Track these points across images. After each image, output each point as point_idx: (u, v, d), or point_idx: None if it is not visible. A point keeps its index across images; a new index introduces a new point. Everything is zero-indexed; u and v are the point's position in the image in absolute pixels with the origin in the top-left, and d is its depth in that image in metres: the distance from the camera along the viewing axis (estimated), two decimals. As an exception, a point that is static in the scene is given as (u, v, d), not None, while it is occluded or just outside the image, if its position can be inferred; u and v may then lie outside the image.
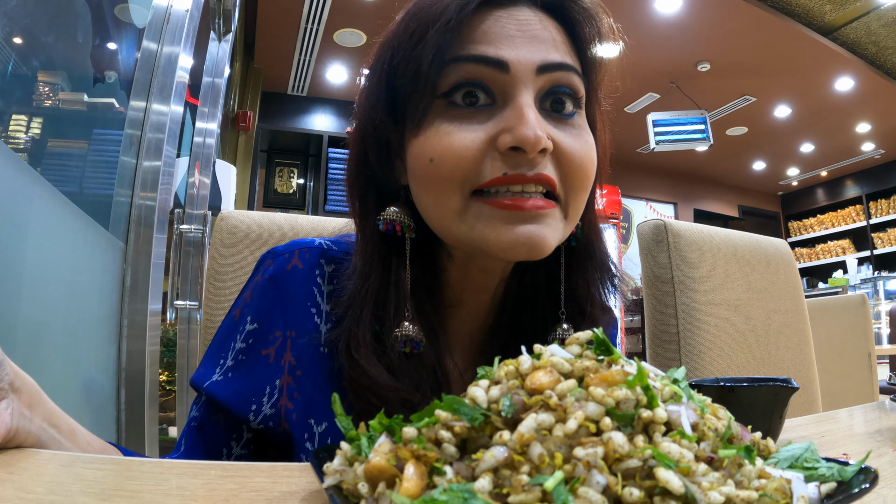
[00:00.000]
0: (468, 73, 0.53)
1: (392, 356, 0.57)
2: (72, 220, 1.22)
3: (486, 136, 0.53)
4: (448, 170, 0.53)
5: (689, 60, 5.49)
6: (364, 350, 0.56)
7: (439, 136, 0.53)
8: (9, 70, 1.21)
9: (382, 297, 0.58)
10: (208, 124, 2.12)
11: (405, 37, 0.56)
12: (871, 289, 7.06)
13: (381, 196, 0.61)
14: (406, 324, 0.57)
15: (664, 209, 8.27)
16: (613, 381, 0.30)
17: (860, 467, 0.31)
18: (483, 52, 0.53)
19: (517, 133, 0.51)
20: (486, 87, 0.54)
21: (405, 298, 0.58)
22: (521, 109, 0.52)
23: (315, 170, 6.53)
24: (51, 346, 1.10)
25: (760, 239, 1.36)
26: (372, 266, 0.59)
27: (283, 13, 4.65)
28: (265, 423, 0.59)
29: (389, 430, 0.32)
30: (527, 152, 0.51)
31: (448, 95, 0.54)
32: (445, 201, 0.54)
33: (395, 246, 0.59)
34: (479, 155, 0.53)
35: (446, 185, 0.53)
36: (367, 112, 0.59)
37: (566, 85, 0.55)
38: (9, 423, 0.44)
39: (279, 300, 0.61)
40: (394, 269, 0.59)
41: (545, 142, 0.52)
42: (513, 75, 0.53)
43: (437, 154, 0.53)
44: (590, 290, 0.64)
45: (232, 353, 0.61)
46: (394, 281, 0.58)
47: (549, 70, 0.54)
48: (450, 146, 0.53)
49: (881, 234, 7.99)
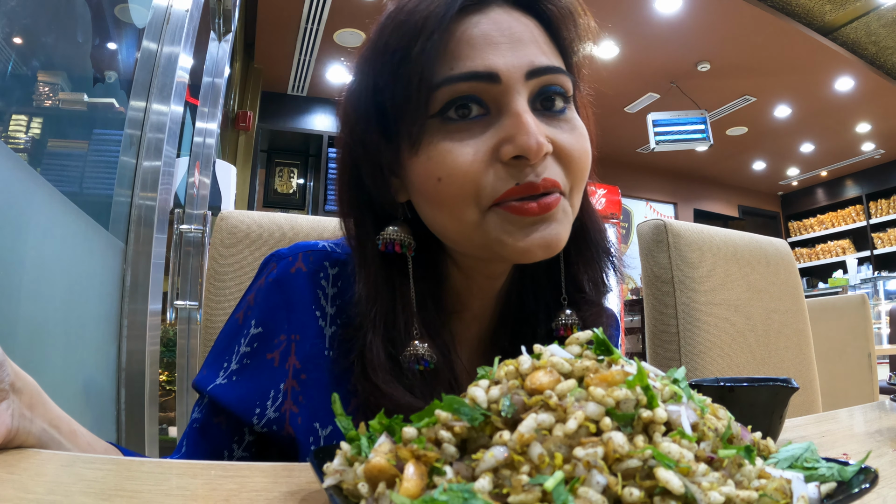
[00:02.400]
0: (460, 91, 0.53)
1: (410, 376, 0.56)
2: (72, 220, 1.22)
3: (487, 148, 0.53)
4: (458, 187, 0.53)
5: (689, 60, 5.49)
6: (382, 374, 0.55)
7: (442, 155, 0.53)
8: (9, 70, 1.21)
9: (391, 318, 0.58)
10: (208, 124, 2.12)
11: (387, 54, 0.55)
12: (871, 289, 7.05)
13: (377, 216, 0.60)
14: (416, 343, 0.57)
15: (664, 209, 8.26)
16: (613, 381, 0.30)
17: (860, 467, 0.31)
18: (472, 69, 0.53)
19: (519, 143, 0.51)
20: (478, 99, 0.54)
21: (413, 316, 0.58)
22: (519, 117, 0.52)
23: (315, 170, 6.53)
24: (51, 346, 1.10)
25: (760, 239, 1.36)
26: (377, 289, 0.58)
27: (283, 13, 4.65)
28: (268, 427, 0.58)
29: (389, 430, 0.32)
30: (530, 160, 0.52)
31: (441, 113, 0.54)
32: (461, 216, 0.54)
33: (396, 265, 0.59)
34: (483, 167, 0.53)
35: (459, 202, 0.54)
36: (355, 132, 0.58)
37: (556, 85, 0.56)
38: (9, 424, 0.44)
39: (283, 304, 0.61)
40: (398, 289, 0.58)
41: (546, 146, 0.52)
42: (504, 84, 0.53)
43: (445, 174, 0.53)
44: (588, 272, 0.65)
45: (236, 356, 0.61)
46: (400, 301, 0.58)
47: (537, 74, 0.54)
48: (454, 164, 0.53)
49: (881, 234, 7.98)
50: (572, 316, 0.63)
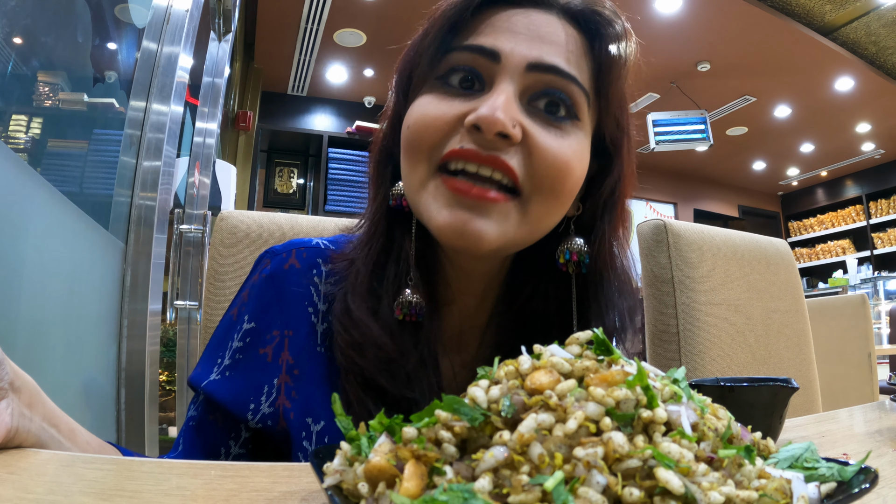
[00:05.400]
0: (461, 60, 0.55)
1: (386, 318, 0.57)
2: (72, 220, 1.22)
3: (458, 112, 0.54)
4: (418, 137, 0.54)
5: (689, 60, 5.48)
6: (359, 302, 0.56)
7: (421, 105, 0.56)
8: (9, 70, 1.21)
9: (383, 259, 0.59)
10: (208, 124, 2.12)
11: (421, 36, 0.60)
12: (871, 289, 7.05)
13: (395, 172, 0.62)
14: (408, 291, 0.57)
15: (664, 209, 8.26)
16: (613, 381, 0.30)
17: (860, 467, 0.31)
18: (479, 43, 0.55)
19: (479, 111, 0.51)
20: (477, 73, 0.55)
21: (408, 266, 0.59)
22: (495, 93, 0.53)
23: (315, 170, 6.52)
24: (51, 346, 1.10)
25: (760, 239, 1.36)
26: (377, 228, 0.60)
27: (283, 13, 4.65)
28: (263, 422, 0.59)
29: (389, 430, 0.32)
30: (483, 132, 0.51)
31: (444, 77, 0.56)
32: (413, 171, 0.56)
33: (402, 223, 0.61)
34: (447, 128, 0.54)
35: (416, 154, 0.55)
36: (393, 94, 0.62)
37: (558, 89, 0.55)
38: (9, 423, 0.44)
39: (276, 299, 0.62)
40: (397, 237, 0.60)
41: (504, 125, 0.51)
42: (502, 65, 0.54)
43: (413, 121, 0.55)
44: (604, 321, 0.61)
45: (229, 352, 0.61)
46: (396, 247, 0.59)
47: (540, 70, 0.54)
48: (424, 115, 0.55)
49: (881, 234, 7.98)
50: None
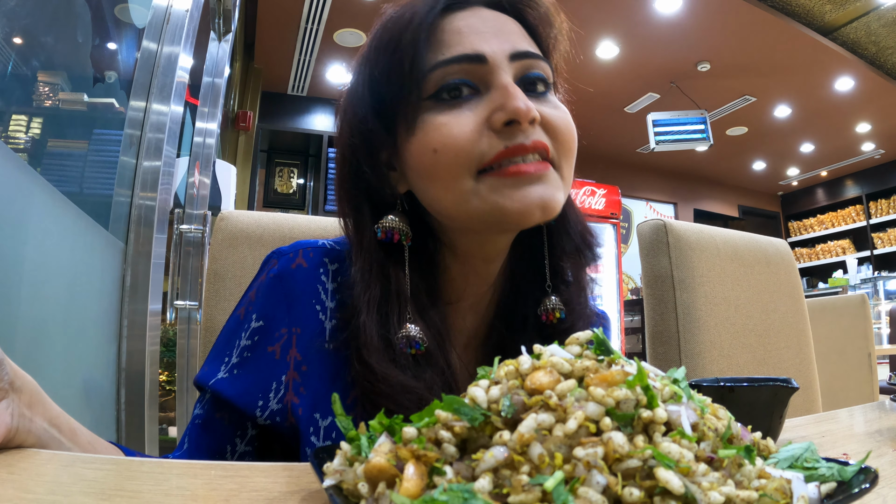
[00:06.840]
0: (451, 74, 0.57)
1: (403, 360, 0.58)
2: (72, 220, 1.22)
3: (479, 119, 0.56)
4: (453, 156, 0.56)
5: (689, 60, 5.48)
6: (376, 355, 0.57)
7: (436, 128, 0.56)
8: (9, 70, 1.21)
9: (384, 302, 0.59)
10: (208, 124, 2.12)
11: (381, 47, 0.60)
12: (871, 289, 7.05)
13: (375, 206, 0.63)
14: (408, 325, 0.59)
15: (664, 209, 8.26)
16: (613, 381, 0.30)
17: (860, 467, 0.31)
18: (460, 52, 0.57)
19: (509, 107, 0.55)
20: (468, 81, 0.57)
21: (406, 302, 0.60)
22: (507, 88, 0.56)
23: (315, 170, 6.53)
24: (51, 346, 1.10)
25: (760, 239, 1.36)
26: (372, 275, 0.60)
27: (283, 13, 4.65)
28: (272, 419, 0.59)
29: (389, 430, 0.32)
30: (521, 123, 0.55)
31: (435, 97, 0.57)
32: (456, 185, 0.57)
33: (393, 255, 0.61)
34: (477, 136, 0.56)
35: (454, 170, 0.56)
36: (354, 126, 0.62)
37: (537, 70, 0.60)
38: (9, 423, 0.44)
39: (284, 298, 0.62)
40: (393, 276, 0.61)
41: (535, 111, 0.55)
42: (490, 64, 0.57)
43: (440, 144, 0.56)
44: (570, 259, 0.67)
45: (237, 350, 0.62)
46: (394, 287, 0.60)
47: (520, 57, 0.58)
48: (449, 134, 0.56)
49: (881, 234, 7.98)
50: (557, 302, 0.65)
